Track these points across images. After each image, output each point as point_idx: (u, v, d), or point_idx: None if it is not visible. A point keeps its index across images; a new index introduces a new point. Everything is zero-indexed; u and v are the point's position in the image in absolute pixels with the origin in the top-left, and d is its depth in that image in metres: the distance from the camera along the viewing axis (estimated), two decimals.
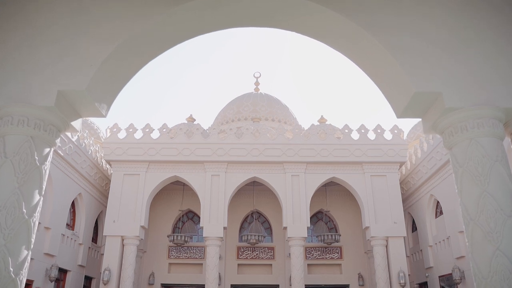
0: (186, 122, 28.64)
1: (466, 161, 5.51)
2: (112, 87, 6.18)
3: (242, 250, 26.72)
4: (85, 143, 23.16)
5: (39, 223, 18.96)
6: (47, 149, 5.66)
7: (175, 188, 26.55)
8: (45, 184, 5.63)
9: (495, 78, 5.75)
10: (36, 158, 5.43)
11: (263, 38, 71.30)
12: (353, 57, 6.57)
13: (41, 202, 5.53)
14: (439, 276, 22.20)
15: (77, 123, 6.16)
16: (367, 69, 6.53)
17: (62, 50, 5.71)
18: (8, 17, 5.93)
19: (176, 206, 26.83)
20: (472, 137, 5.54)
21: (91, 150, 23.90)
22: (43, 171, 5.52)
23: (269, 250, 26.77)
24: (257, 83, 35.71)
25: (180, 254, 26.56)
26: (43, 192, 5.54)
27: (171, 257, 26.52)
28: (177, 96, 72.87)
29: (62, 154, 20.46)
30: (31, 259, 18.31)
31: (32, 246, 5.31)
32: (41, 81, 5.56)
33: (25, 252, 5.15)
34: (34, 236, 5.33)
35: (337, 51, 6.62)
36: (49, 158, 5.71)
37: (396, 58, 5.74)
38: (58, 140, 5.92)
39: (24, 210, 5.17)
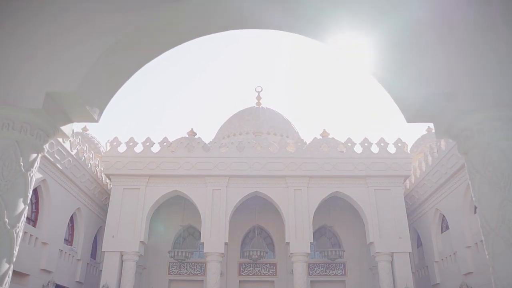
0: (187, 136, 28.35)
1: (484, 167, 5.11)
2: (105, 90, 5.80)
3: (244, 266, 26.17)
4: (84, 156, 22.85)
5: (36, 238, 18.56)
6: (34, 155, 5.27)
7: (176, 203, 26.10)
8: (31, 191, 5.26)
9: None
10: (22, 164, 5.05)
11: (265, 51, 71.54)
12: (358, 58, 6.22)
13: (26, 212, 5.14)
14: None
15: (67, 128, 5.78)
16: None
17: (51, 49, 5.36)
18: None
19: (176, 221, 26.36)
20: (490, 141, 5.14)
21: (90, 164, 23.58)
22: (29, 178, 5.13)
23: (271, 266, 26.21)
24: (258, 97, 35.54)
25: (180, 270, 26.04)
26: (28, 201, 5.16)
27: (171, 273, 26.03)
28: (178, 110, 72.85)
29: (61, 168, 20.12)
30: (27, 275, 17.91)
31: (14, 259, 4.90)
32: (28, 81, 5.19)
33: (6, 265, 4.73)
34: (17, 248, 4.93)
35: (340, 53, 6.28)
36: (36, 165, 5.33)
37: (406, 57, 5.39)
38: (46, 146, 5.55)
39: (7, 220, 4.77)
